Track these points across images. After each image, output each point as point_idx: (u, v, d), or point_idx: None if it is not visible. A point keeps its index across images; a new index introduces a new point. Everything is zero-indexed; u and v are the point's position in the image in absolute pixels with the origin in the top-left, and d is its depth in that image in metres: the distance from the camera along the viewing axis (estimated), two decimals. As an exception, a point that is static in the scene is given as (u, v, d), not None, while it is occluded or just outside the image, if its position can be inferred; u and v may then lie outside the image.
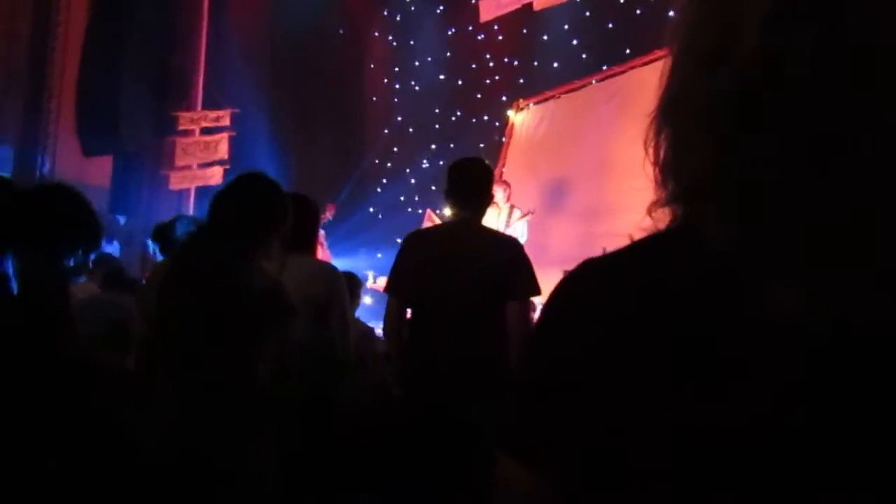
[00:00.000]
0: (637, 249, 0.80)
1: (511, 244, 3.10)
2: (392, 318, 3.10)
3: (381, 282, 10.16)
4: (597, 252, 0.84)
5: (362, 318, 5.50)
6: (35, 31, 9.02)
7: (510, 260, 2.97)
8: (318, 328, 3.04)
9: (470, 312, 2.90)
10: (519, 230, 8.87)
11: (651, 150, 0.77)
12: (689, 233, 0.70)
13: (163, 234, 4.00)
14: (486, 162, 3.30)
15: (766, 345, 0.63)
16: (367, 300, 9.41)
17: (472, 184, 3.08)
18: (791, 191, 0.62)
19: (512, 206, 9.10)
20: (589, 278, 0.78)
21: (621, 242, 0.87)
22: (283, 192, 2.36)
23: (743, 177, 0.64)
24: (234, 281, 2.09)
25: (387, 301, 3.11)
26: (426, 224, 10.69)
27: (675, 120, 0.74)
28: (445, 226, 3.16)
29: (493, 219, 8.73)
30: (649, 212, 0.80)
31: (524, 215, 8.99)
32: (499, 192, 8.88)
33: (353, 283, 4.36)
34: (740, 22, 0.64)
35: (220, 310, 2.12)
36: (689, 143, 0.71)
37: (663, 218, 0.79)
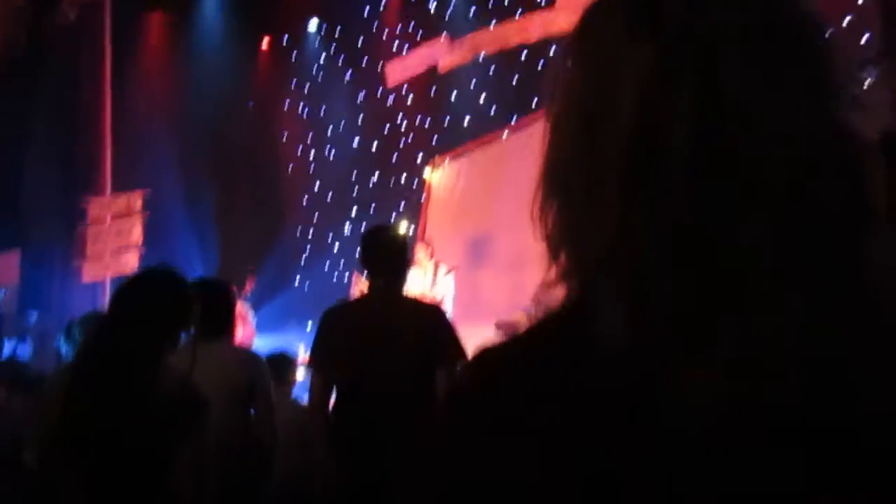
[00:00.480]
0: (531, 342, 0.73)
1: (432, 311, 3.07)
2: (316, 395, 3.00)
3: None
4: (526, 302, 0.78)
5: (299, 394, 5.34)
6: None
7: (434, 327, 2.93)
8: (240, 418, 2.91)
9: (398, 386, 2.83)
10: (446, 287, 8.90)
11: (539, 221, 0.74)
12: (583, 316, 0.65)
13: (74, 332, 3.78)
14: (398, 228, 3.28)
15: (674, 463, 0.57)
16: (299, 376, 9.18)
17: (385, 252, 3.05)
18: (678, 273, 0.59)
19: (437, 263, 9.09)
20: (477, 395, 0.69)
21: (551, 290, 0.81)
22: (187, 284, 2.26)
23: (633, 257, 0.61)
24: (138, 388, 1.98)
25: (310, 378, 3.02)
26: (354, 288, 10.58)
27: (561, 190, 0.71)
28: (364, 298, 3.11)
29: (418, 278, 8.69)
30: (543, 288, 0.75)
31: (449, 271, 8.97)
32: (421, 251, 8.97)
33: (284, 364, 4.24)
34: (619, 85, 0.61)
35: (125, 419, 2.00)
36: (576, 216, 0.68)
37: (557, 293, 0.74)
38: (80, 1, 10.93)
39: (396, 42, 12.00)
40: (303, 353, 10.01)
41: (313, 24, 12.70)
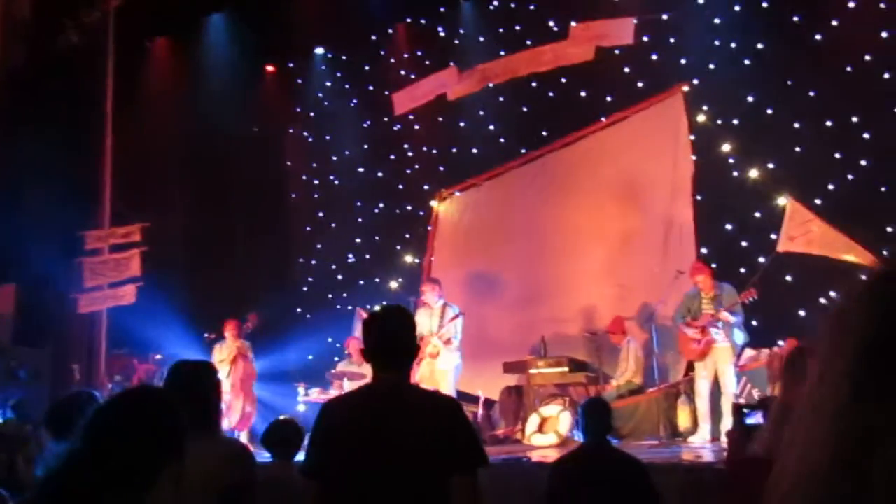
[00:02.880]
0: None
1: (448, 406, 2.70)
2: None
3: (314, 393, 9.55)
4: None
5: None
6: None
7: (450, 428, 2.58)
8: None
9: (404, 497, 2.52)
10: (453, 330, 8.60)
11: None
12: None
13: (60, 415, 3.26)
14: (407, 310, 2.97)
15: None
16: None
17: (394, 340, 2.74)
18: None
19: (445, 305, 8.80)
20: None
21: (560, 328, 0.57)
22: (176, 411, 1.93)
23: None
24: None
25: (306, 488, 2.70)
26: (357, 324, 10.14)
27: None
28: (370, 390, 2.78)
29: (425, 319, 8.51)
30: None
31: (456, 317, 8.66)
32: (429, 292, 8.70)
33: (290, 436, 3.98)
34: None
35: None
36: None
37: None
38: (85, 24, 10.72)
39: (403, 71, 11.78)
40: (302, 394, 9.57)
41: (319, 51, 12.47)
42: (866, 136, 9.03)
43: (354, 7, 11.25)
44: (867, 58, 9.09)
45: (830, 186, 9.06)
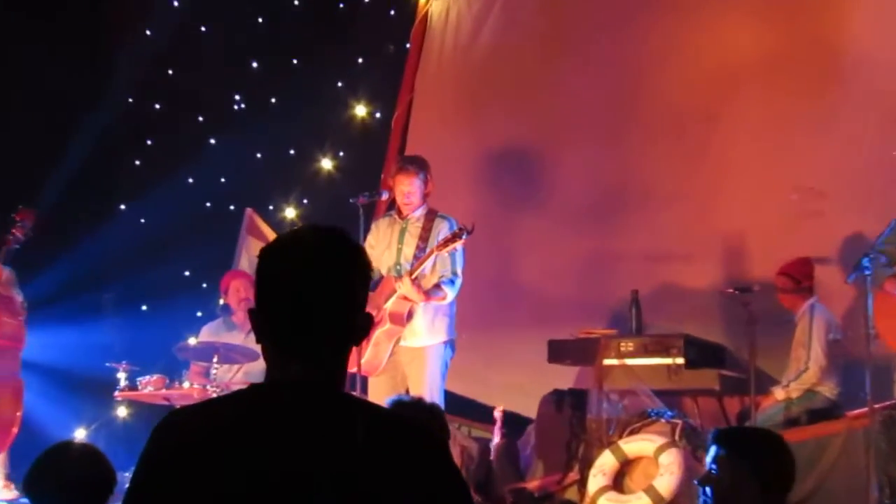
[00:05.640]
0: None
1: (418, 441, 1.34)
2: None
3: (145, 387, 5.12)
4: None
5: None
6: None
7: (420, 487, 1.28)
8: None
9: None
10: (452, 264, 4.69)
11: None
12: None
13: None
14: (347, 237, 1.37)
15: None
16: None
17: (310, 304, 1.35)
18: None
19: (432, 214, 4.76)
20: None
21: (669, 273, 0.40)
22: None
23: None
24: None
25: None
26: (246, 249, 6.23)
27: None
28: (257, 401, 1.36)
29: (388, 241, 4.74)
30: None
31: (454, 238, 4.51)
32: (404, 185, 4.70)
33: (96, 475, 2.58)
34: None
35: None
36: None
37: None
38: None
39: None
40: (123, 383, 5.26)
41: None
42: None
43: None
44: None
45: None
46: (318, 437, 1.28)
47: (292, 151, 6.81)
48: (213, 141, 6.70)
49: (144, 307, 6.49)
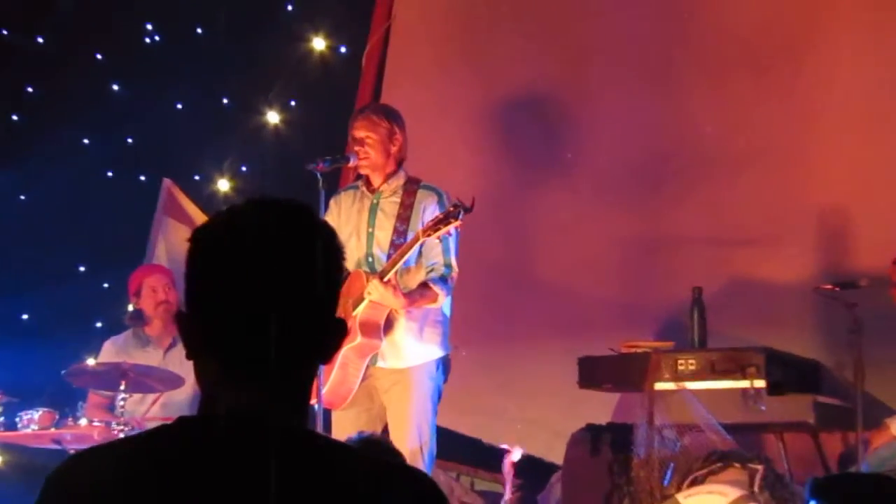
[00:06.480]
0: None
1: (403, 493, 1.16)
2: None
3: (30, 424, 4.60)
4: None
5: None
6: None
7: None
8: None
9: None
10: (445, 254, 3.94)
11: None
12: None
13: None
14: (310, 214, 1.21)
15: None
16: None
17: (269, 296, 1.18)
18: None
19: (413, 186, 3.97)
20: None
21: (743, 265, 1.08)
22: None
23: None
24: None
25: None
26: (167, 219, 5.53)
27: None
28: (189, 444, 1.14)
29: (354, 238, 3.90)
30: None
31: (446, 220, 3.67)
32: (365, 132, 3.88)
33: None
34: None
35: None
36: None
37: None
38: None
39: None
40: None
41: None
42: None
43: None
44: None
45: None
46: (278, 496, 1.16)
47: (225, 101, 5.94)
48: (115, 87, 5.83)
49: (25, 316, 5.59)
